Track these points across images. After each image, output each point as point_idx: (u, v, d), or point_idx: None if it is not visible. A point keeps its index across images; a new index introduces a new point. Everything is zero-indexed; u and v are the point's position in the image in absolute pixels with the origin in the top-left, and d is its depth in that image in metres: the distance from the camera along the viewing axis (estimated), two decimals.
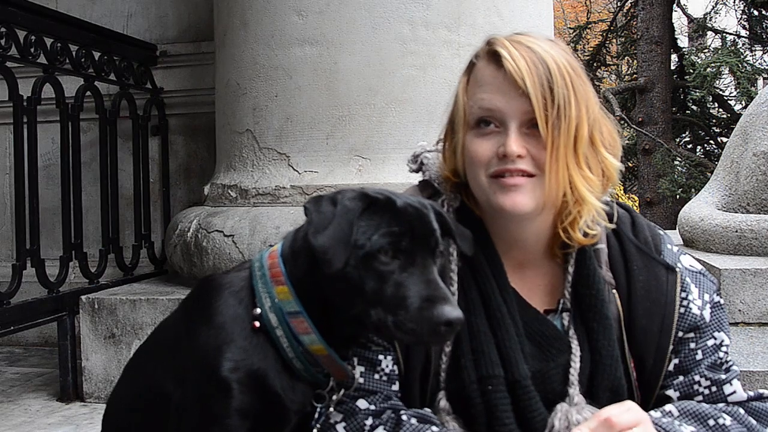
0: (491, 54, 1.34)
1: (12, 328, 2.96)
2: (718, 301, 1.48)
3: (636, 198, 12.03)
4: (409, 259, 1.19)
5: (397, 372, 1.41)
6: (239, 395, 1.21)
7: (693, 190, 9.40)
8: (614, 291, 1.43)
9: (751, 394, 1.43)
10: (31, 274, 3.06)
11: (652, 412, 1.38)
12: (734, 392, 1.42)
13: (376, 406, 1.38)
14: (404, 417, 1.36)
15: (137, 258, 3.83)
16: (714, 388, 1.41)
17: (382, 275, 1.17)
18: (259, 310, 1.24)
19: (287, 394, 1.25)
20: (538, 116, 1.28)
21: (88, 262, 3.45)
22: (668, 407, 1.38)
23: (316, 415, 1.33)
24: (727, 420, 1.37)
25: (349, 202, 1.19)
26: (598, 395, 1.38)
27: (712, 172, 3.96)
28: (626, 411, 1.27)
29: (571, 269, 1.43)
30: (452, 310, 1.15)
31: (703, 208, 3.51)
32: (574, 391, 1.36)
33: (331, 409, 1.37)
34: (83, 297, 3.18)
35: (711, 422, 1.36)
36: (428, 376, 1.40)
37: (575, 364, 1.38)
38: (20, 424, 2.88)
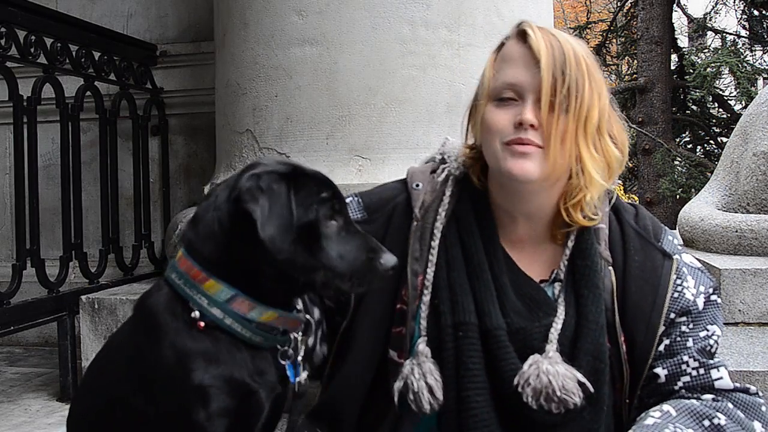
0: (520, 33, 1.46)
1: (12, 328, 2.96)
2: (715, 300, 1.50)
3: (636, 198, 12.02)
4: (341, 218, 1.28)
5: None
6: (216, 398, 1.23)
7: (693, 190, 9.41)
8: (610, 268, 1.47)
9: (738, 385, 1.45)
10: (31, 274, 3.06)
11: (650, 411, 1.40)
12: (721, 378, 1.45)
13: None
14: None
15: (137, 258, 3.83)
16: (702, 371, 1.44)
17: (329, 239, 1.25)
18: (197, 313, 1.26)
19: (254, 379, 1.28)
20: (543, 90, 1.35)
21: (88, 262, 3.45)
22: (665, 407, 1.41)
23: (288, 373, 1.34)
24: (722, 419, 1.39)
25: (276, 186, 1.22)
26: (579, 358, 1.41)
27: (712, 172, 3.96)
28: None
29: (570, 243, 1.48)
30: (391, 257, 1.29)
31: (703, 208, 3.50)
32: (551, 347, 1.40)
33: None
34: (83, 297, 3.17)
35: (706, 423, 1.38)
36: (391, 321, 1.48)
37: (557, 325, 1.42)
38: (20, 424, 2.88)
